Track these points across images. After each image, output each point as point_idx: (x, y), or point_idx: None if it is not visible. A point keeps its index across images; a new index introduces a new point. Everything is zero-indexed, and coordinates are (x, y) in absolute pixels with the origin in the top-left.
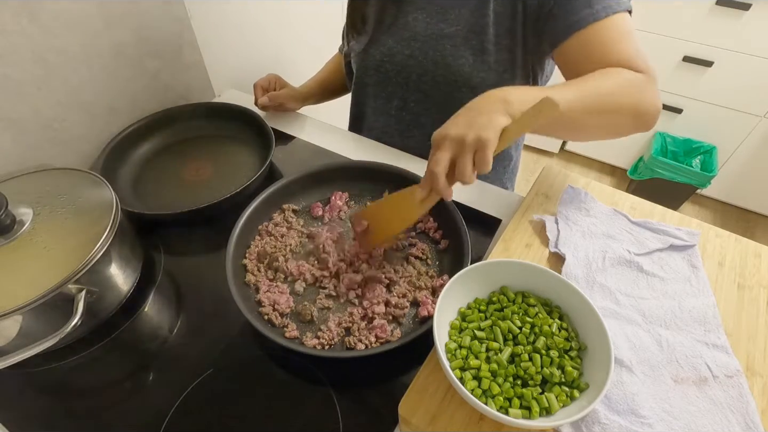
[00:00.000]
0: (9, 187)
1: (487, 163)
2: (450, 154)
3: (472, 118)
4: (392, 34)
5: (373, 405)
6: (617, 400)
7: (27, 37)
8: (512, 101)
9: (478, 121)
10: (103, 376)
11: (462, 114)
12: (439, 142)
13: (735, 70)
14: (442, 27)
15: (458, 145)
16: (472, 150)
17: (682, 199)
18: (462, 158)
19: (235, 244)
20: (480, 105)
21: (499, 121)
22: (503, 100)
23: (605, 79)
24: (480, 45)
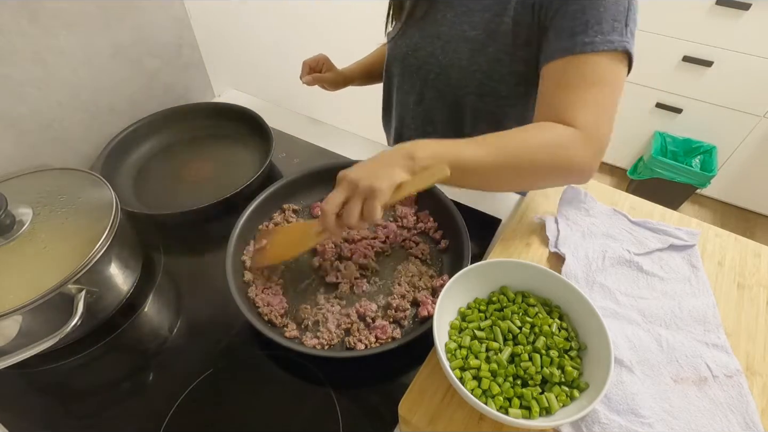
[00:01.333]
0: (9, 187)
1: (373, 213)
2: (343, 196)
3: (374, 167)
4: (420, 28)
5: (373, 405)
6: (617, 400)
7: (27, 37)
8: (417, 158)
9: (377, 171)
10: (103, 376)
11: (369, 161)
12: (338, 182)
13: (735, 70)
14: (465, 29)
15: (351, 189)
16: (362, 197)
17: (681, 199)
18: (349, 203)
19: (235, 244)
20: (386, 156)
21: (397, 175)
22: (408, 155)
23: (530, 135)
24: (495, 54)
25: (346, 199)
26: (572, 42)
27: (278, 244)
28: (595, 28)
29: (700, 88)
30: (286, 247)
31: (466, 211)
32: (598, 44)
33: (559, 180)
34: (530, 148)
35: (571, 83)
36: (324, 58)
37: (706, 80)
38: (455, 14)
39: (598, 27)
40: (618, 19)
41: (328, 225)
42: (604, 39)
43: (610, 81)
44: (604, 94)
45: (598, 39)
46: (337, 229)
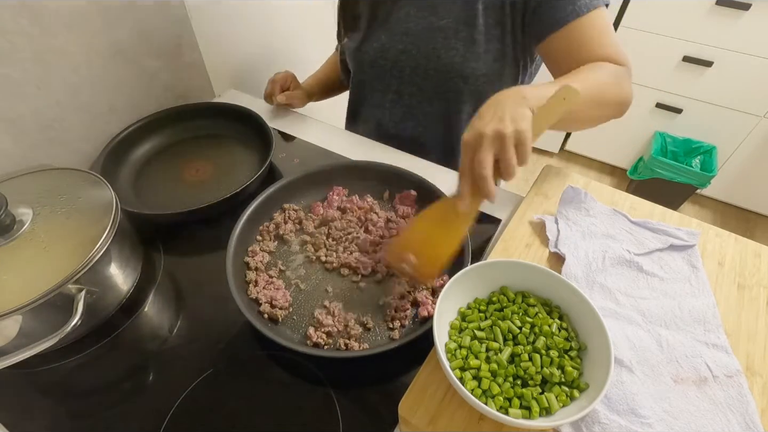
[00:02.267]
0: (9, 187)
1: (528, 156)
2: (492, 151)
3: (501, 113)
4: (385, 29)
5: (373, 405)
6: (617, 400)
7: (27, 37)
8: (528, 97)
9: (509, 115)
10: (103, 376)
11: (488, 111)
12: (474, 143)
13: (735, 70)
14: (433, 20)
15: (499, 141)
16: (513, 144)
17: (682, 199)
18: (506, 153)
19: (235, 244)
20: (502, 100)
21: (527, 112)
22: (521, 96)
23: (598, 72)
24: (470, 36)
25: (496, 154)
26: (576, 5)
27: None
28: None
29: (700, 88)
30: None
31: None
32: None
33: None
34: (608, 83)
35: (595, 35)
36: (291, 75)
37: (706, 80)
38: (418, 9)
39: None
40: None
41: (491, 188)
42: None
43: (610, 23)
44: (615, 36)
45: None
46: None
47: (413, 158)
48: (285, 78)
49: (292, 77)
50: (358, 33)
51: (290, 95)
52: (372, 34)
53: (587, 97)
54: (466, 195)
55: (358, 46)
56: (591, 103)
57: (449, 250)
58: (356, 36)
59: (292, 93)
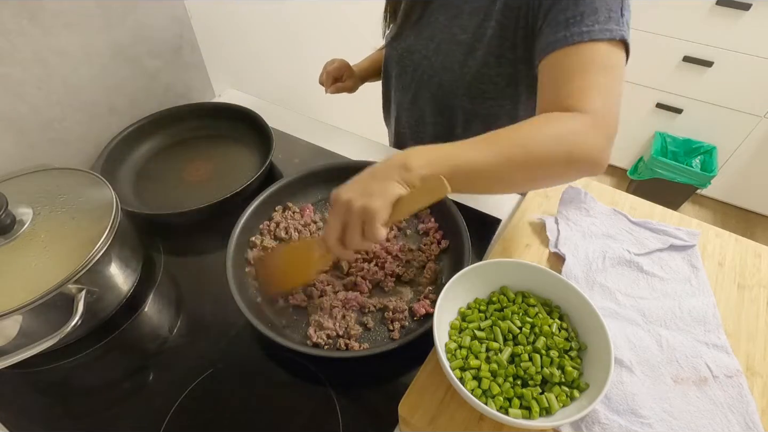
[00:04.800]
0: (9, 187)
1: (375, 235)
2: (339, 221)
3: (366, 184)
4: (415, 30)
5: (373, 405)
6: (617, 400)
7: (27, 37)
8: (412, 167)
9: (370, 189)
10: (103, 376)
11: (360, 177)
12: (333, 203)
13: (735, 70)
14: (456, 32)
15: (346, 213)
16: (359, 220)
17: (682, 199)
18: (348, 228)
19: (235, 244)
20: (378, 171)
21: (393, 190)
22: (402, 166)
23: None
24: (483, 57)
25: (343, 224)
26: (569, 32)
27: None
28: (591, 18)
29: (700, 88)
30: (293, 271)
31: (466, 211)
32: (596, 33)
33: (571, 173)
34: (537, 140)
35: (573, 71)
36: (345, 65)
37: (707, 80)
38: (447, 17)
39: (594, 17)
40: (613, 8)
41: (335, 251)
42: (602, 28)
43: (613, 66)
44: (608, 79)
45: (596, 28)
46: (346, 252)
47: None
48: (338, 68)
49: (346, 67)
50: (394, 27)
51: (341, 87)
52: (403, 31)
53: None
54: (322, 244)
55: (391, 40)
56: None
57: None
58: (393, 29)
59: (344, 84)
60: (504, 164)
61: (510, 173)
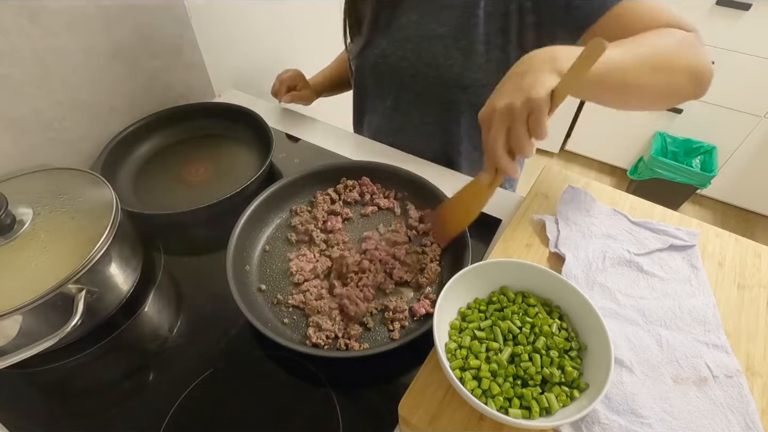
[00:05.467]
0: (9, 187)
1: (542, 126)
2: (503, 127)
3: (516, 83)
4: (387, 35)
5: (373, 405)
6: (617, 400)
7: (27, 37)
8: (559, 57)
9: (523, 84)
10: (103, 376)
11: (506, 82)
12: (487, 119)
13: (735, 70)
14: (434, 27)
15: (508, 115)
16: (524, 116)
17: (682, 199)
18: (515, 128)
19: (235, 244)
20: (524, 68)
21: (547, 79)
22: (549, 58)
23: (658, 36)
24: (469, 45)
25: (508, 128)
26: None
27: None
28: None
29: None
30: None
31: None
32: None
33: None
34: (667, 47)
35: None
36: (299, 74)
37: None
38: (420, 15)
39: None
40: None
41: (504, 165)
42: None
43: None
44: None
45: None
46: (513, 165)
47: (413, 158)
48: (293, 77)
49: (300, 76)
50: (361, 37)
51: (296, 95)
52: (373, 39)
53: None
54: (488, 169)
55: (361, 50)
56: (643, 67)
57: (468, 217)
58: (359, 40)
59: (299, 93)
60: (638, 65)
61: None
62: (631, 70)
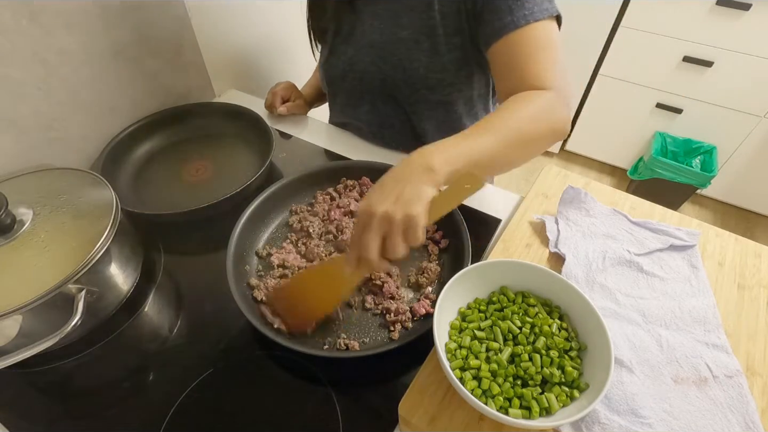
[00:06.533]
0: (9, 187)
1: (419, 239)
2: (380, 233)
3: (398, 190)
4: (351, 43)
5: (373, 405)
6: (617, 400)
7: (27, 37)
8: (435, 167)
9: (404, 195)
10: (103, 376)
11: (386, 184)
12: (365, 220)
13: (735, 70)
14: (397, 32)
15: (387, 224)
16: (401, 229)
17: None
18: (392, 238)
19: (235, 244)
20: (405, 175)
21: (427, 193)
22: (427, 168)
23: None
24: (432, 47)
25: (384, 236)
26: (514, 17)
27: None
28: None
29: (700, 88)
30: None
31: (466, 211)
32: (537, 14)
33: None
34: (526, 122)
35: (528, 53)
36: (292, 86)
37: (707, 80)
38: (382, 21)
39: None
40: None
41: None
42: (540, 8)
43: (555, 40)
44: (556, 53)
45: (535, 9)
46: (384, 263)
47: None
48: (286, 89)
49: (293, 87)
50: (325, 47)
51: (292, 107)
52: (338, 47)
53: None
54: (352, 261)
55: (326, 59)
56: (512, 147)
57: (326, 305)
58: (324, 49)
59: (294, 104)
60: (506, 148)
61: (511, 154)
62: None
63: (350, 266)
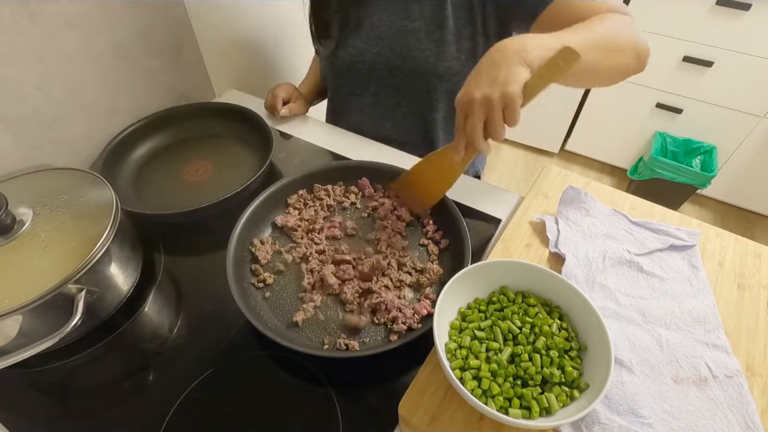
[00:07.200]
0: (9, 187)
1: (517, 119)
2: (482, 116)
3: (492, 74)
4: (359, 35)
5: (373, 405)
6: (617, 400)
7: (27, 37)
8: (529, 49)
9: (499, 77)
10: (103, 376)
11: (481, 71)
12: (466, 106)
13: (735, 70)
14: (406, 23)
15: (486, 106)
16: (500, 107)
17: (682, 199)
18: (493, 118)
19: (235, 244)
20: (498, 59)
21: (521, 73)
22: (520, 49)
23: (602, 22)
24: (441, 37)
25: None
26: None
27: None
28: None
29: (700, 88)
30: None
31: (466, 211)
32: None
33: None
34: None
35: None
36: (292, 87)
37: (707, 80)
38: (390, 13)
39: None
40: None
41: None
42: None
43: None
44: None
45: None
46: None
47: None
48: (287, 90)
49: (293, 88)
50: (331, 40)
51: (293, 107)
52: (345, 39)
53: (595, 46)
54: (460, 149)
55: (333, 52)
56: (601, 51)
57: (440, 189)
58: (329, 43)
59: (295, 105)
60: (593, 49)
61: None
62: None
63: (458, 153)
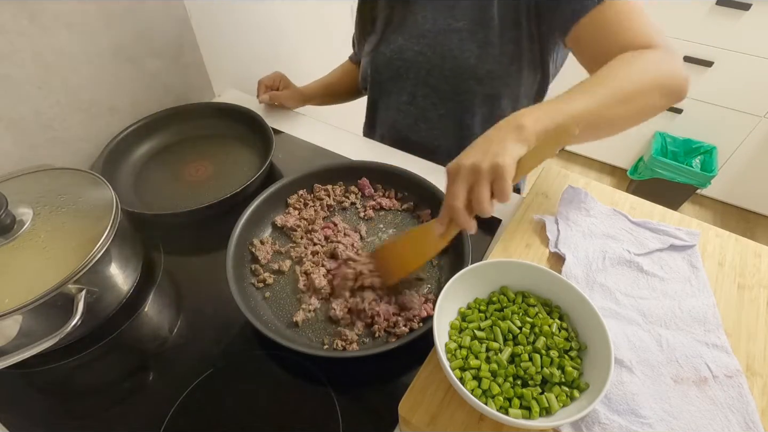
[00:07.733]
0: (9, 187)
1: (506, 192)
2: (466, 184)
3: (486, 147)
4: (402, 32)
5: (373, 405)
6: (617, 400)
7: (27, 37)
8: (526, 126)
9: (492, 149)
10: (103, 376)
11: (476, 144)
12: (453, 173)
13: (735, 70)
14: (450, 22)
15: (474, 174)
16: (488, 179)
17: (682, 199)
18: (478, 187)
19: (235, 244)
20: (493, 135)
21: (514, 148)
22: (516, 127)
23: (621, 67)
24: (485, 38)
25: (470, 187)
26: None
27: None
28: None
29: (700, 88)
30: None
31: None
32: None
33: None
34: (628, 76)
35: (620, 20)
36: (280, 75)
37: (707, 80)
38: (435, 11)
39: None
40: None
41: (461, 220)
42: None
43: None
44: (646, 16)
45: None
46: (470, 221)
47: (414, 158)
48: (272, 78)
49: (281, 77)
50: (374, 36)
51: (276, 95)
52: (389, 36)
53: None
54: (443, 221)
55: (375, 48)
56: (617, 103)
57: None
58: (372, 39)
59: (279, 93)
60: (607, 104)
61: (610, 113)
62: (600, 110)
63: (440, 226)
